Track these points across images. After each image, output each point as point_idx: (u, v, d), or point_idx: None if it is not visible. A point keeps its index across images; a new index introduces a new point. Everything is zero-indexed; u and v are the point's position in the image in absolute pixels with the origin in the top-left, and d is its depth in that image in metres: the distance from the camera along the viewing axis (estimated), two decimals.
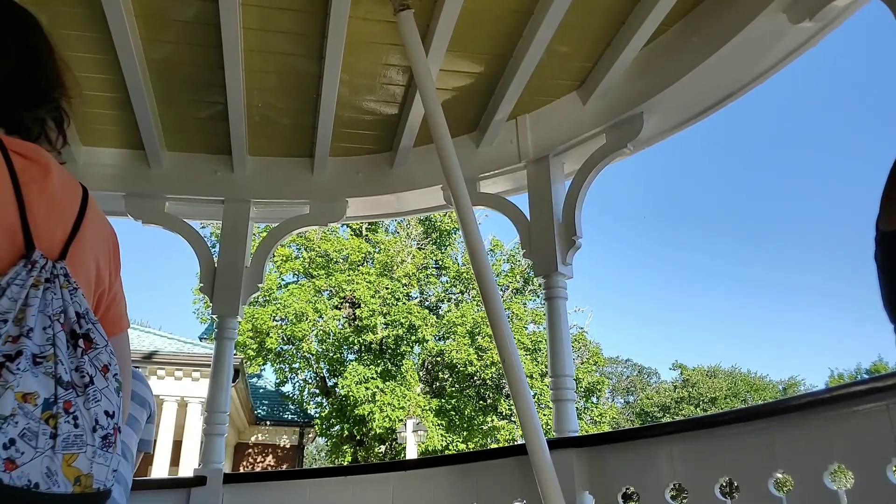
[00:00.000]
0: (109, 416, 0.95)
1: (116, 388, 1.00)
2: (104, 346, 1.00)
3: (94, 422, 0.92)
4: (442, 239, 19.99)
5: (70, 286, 0.99)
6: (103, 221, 1.18)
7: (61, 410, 0.88)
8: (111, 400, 0.97)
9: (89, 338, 0.98)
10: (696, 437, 2.35)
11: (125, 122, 3.35)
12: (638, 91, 2.96)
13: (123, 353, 1.17)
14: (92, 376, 0.95)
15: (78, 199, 1.11)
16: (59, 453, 0.86)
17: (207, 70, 3.02)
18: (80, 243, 1.07)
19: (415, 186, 3.62)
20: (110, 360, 1.00)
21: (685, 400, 33.82)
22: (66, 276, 1.00)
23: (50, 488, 0.84)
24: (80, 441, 0.89)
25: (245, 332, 16.88)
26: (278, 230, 3.69)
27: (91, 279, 1.10)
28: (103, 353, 1.00)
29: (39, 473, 0.83)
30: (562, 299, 3.08)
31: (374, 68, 3.11)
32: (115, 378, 1.00)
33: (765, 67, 2.74)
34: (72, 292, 0.99)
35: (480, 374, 17.16)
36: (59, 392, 0.89)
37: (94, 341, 0.99)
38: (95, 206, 1.15)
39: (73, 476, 0.87)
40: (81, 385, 0.93)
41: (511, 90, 3.06)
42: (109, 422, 0.95)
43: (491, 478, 2.89)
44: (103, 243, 1.16)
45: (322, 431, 17.93)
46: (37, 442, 0.83)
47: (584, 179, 3.14)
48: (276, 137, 3.59)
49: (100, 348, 0.99)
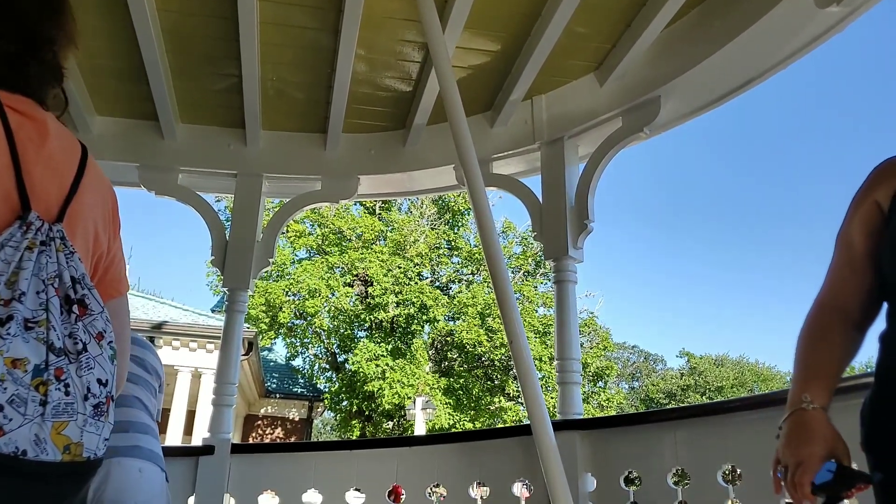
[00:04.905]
0: (102, 385, 0.93)
1: (111, 355, 0.97)
2: (99, 313, 0.98)
3: (86, 390, 0.90)
4: (455, 219, 19.95)
5: (66, 249, 0.96)
6: (103, 181, 1.13)
7: (52, 377, 0.86)
8: (105, 368, 0.95)
9: (84, 304, 0.95)
10: (701, 424, 2.35)
11: (140, 94, 3.34)
12: (656, 74, 2.91)
13: (122, 317, 1.15)
14: (85, 343, 0.93)
15: (77, 158, 1.07)
16: (49, 421, 0.84)
17: (222, 42, 3.01)
18: (78, 205, 1.03)
19: (427, 165, 3.60)
20: (105, 326, 0.98)
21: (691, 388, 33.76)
22: (63, 240, 0.96)
23: (38, 456, 0.82)
24: (71, 409, 0.87)
25: (258, 305, 17.04)
26: (290, 206, 3.70)
27: (89, 241, 1.06)
28: (98, 319, 0.97)
29: (27, 440, 0.81)
30: (571, 283, 3.07)
31: (390, 44, 3.08)
32: (110, 345, 0.98)
33: (788, 53, 2.68)
34: (68, 256, 0.96)
35: (489, 355, 17.23)
36: (50, 358, 0.87)
37: (89, 307, 0.96)
38: (95, 165, 1.11)
39: (63, 444, 0.85)
40: (74, 352, 0.91)
41: (527, 70, 3.02)
42: (102, 390, 0.93)
43: (495, 457, 2.91)
44: (102, 204, 1.11)
45: (331, 406, 18.12)
46: (25, 409, 0.82)
47: (599, 163, 3.11)
48: (289, 112, 3.58)
49: (95, 315, 0.96)
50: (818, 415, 1.10)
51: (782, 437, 1.13)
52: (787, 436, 1.11)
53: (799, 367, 1.19)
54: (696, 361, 35.33)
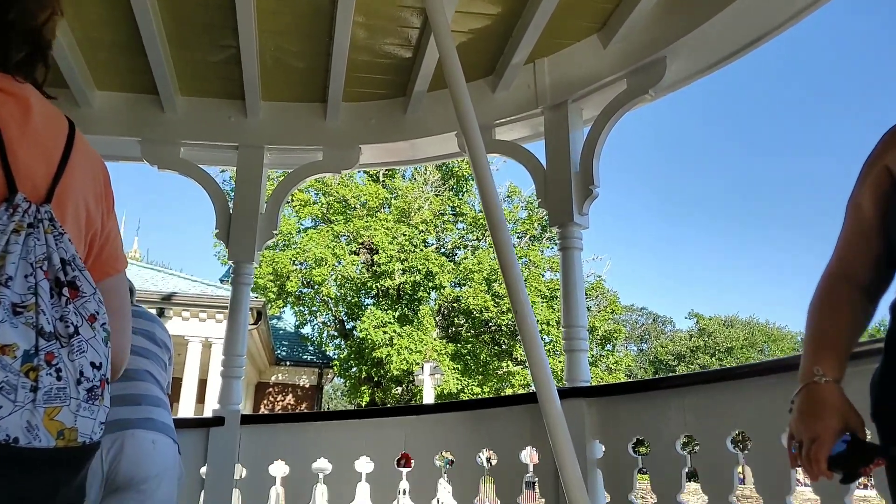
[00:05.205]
0: (96, 368, 0.91)
1: (104, 337, 0.95)
2: (92, 294, 0.95)
3: (79, 374, 0.88)
4: (459, 185, 19.86)
5: (55, 231, 0.93)
6: (93, 157, 1.08)
7: (43, 362, 0.84)
8: (98, 350, 0.92)
9: (75, 285, 0.92)
10: (710, 390, 2.34)
11: (139, 67, 3.29)
12: (662, 34, 2.84)
13: (122, 293, 1.12)
14: (77, 326, 0.90)
15: (63, 134, 1.02)
16: (41, 407, 0.82)
17: (219, 12, 2.95)
18: (67, 183, 0.99)
19: (429, 133, 3.55)
20: (98, 308, 0.95)
21: (700, 349, 33.93)
22: (52, 220, 0.93)
23: (31, 442, 0.81)
24: (63, 394, 0.85)
25: (266, 275, 17.13)
26: (292, 177, 3.67)
27: (81, 221, 1.02)
28: (91, 301, 0.94)
29: (19, 428, 0.80)
30: (577, 249, 3.05)
31: (389, 10, 3.01)
32: (104, 327, 0.95)
33: (800, 7, 2.59)
34: (57, 237, 0.92)
35: (496, 320, 17.31)
36: (40, 343, 0.85)
37: (81, 289, 0.93)
38: (83, 140, 1.06)
39: (56, 430, 0.84)
40: (66, 335, 0.88)
41: (529, 32, 2.95)
42: (96, 374, 0.91)
43: (502, 424, 2.93)
44: (93, 181, 1.07)
45: (340, 372, 18.34)
46: (16, 395, 0.80)
47: (604, 126, 3.06)
48: (289, 82, 3.52)
49: (87, 296, 0.94)
50: (831, 388, 1.08)
51: (795, 412, 1.11)
52: (799, 410, 1.10)
53: (810, 339, 1.17)
54: (705, 323, 35.43)
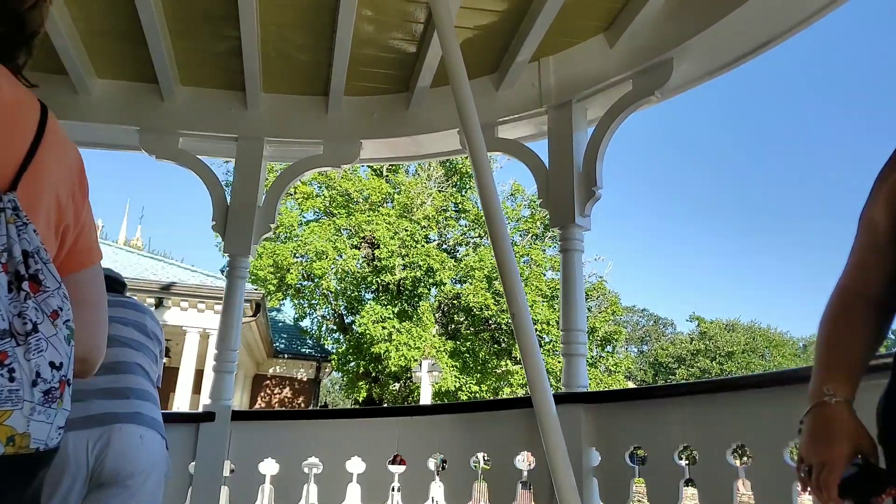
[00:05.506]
0: (55, 368, 0.85)
1: (67, 335, 0.89)
2: (56, 289, 0.89)
3: (35, 374, 0.82)
4: (462, 181, 19.81)
5: (19, 221, 0.87)
6: (66, 144, 1.03)
7: None
8: (59, 349, 0.86)
9: (37, 279, 0.86)
10: (710, 400, 2.29)
11: (140, 56, 3.25)
12: (670, 34, 2.78)
13: (96, 287, 1.07)
14: (36, 323, 0.84)
15: (35, 119, 0.95)
16: None
17: (221, 2, 2.90)
18: (35, 171, 0.93)
19: (431, 129, 3.50)
20: (62, 304, 0.89)
21: (701, 353, 33.84)
22: (15, 210, 0.87)
23: None
24: (16, 396, 0.79)
25: (266, 267, 17.10)
26: (291, 170, 3.62)
27: (51, 211, 0.97)
28: (54, 296, 0.88)
29: None
30: (578, 251, 3.00)
31: (393, 3, 2.96)
32: (66, 325, 0.89)
33: (812, 10, 2.53)
34: (20, 228, 0.86)
35: (496, 318, 17.27)
36: None
37: (44, 283, 0.87)
38: (57, 126, 1.00)
39: (6, 436, 0.78)
40: (23, 333, 0.82)
41: (535, 30, 2.90)
42: (55, 374, 0.85)
43: (497, 428, 2.89)
44: (66, 171, 1.01)
45: (338, 367, 18.32)
46: None
47: (608, 127, 3.01)
48: (290, 74, 3.47)
49: (50, 291, 0.87)
50: (842, 409, 1.04)
51: (804, 434, 1.06)
52: (809, 433, 1.05)
53: (821, 357, 1.12)
54: (706, 326, 35.30)
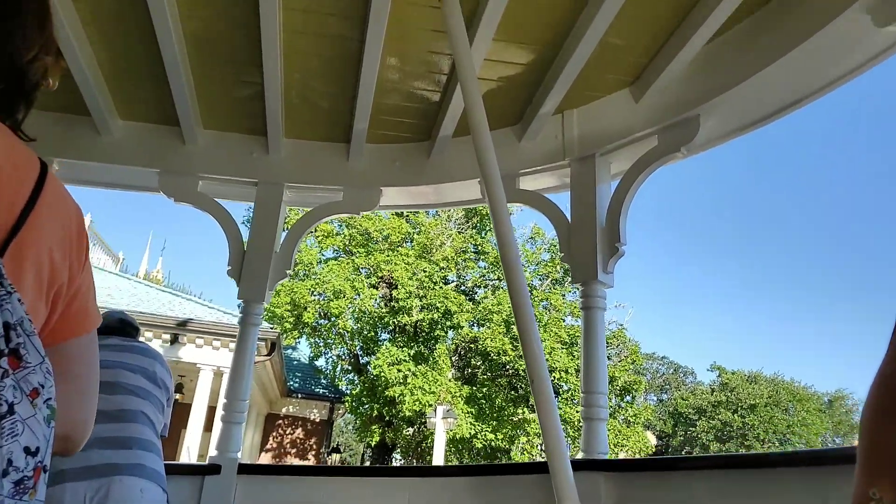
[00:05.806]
0: (31, 455, 0.77)
1: (47, 416, 0.81)
2: (38, 364, 0.81)
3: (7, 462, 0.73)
4: (482, 223, 19.77)
5: (3, 290, 0.79)
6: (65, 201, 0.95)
7: None
8: (36, 432, 0.78)
9: (18, 354, 0.79)
10: (740, 476, 2.16)
11: (162, 98, 3.28)
12: (696, 92, 2.74)
13: (88, 358, 0.99)
14: (12, 404, 0.75)
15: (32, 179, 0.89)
16: None
17: (246, 49, 2.93)
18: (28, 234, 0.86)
19: (452, 179, 3.47)
20: (44, 380, 0.81)
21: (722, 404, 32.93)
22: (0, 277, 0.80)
23: None
24: None
25: (283, 304, 17.08)
26: (310, 216, 3.61)
27: (43, 274, 0.89)
28: (35, 373, 0.80)
29: None
30: (600, 309, 2.91)
31: (417, 54, 2.97)
32: (47, 404, 0.81)
33: (839, 74, 2.49)
34: (3, 297, 0.79)
35: (514, 364, 17.00)
36: None
37: (25, 359, 0.79)
38: (56, 184, 0.93)
39: None
40: None
41: (559, 83, 2.88)
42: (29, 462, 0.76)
43: (511, 493, 2.76)
44: (62, 229, 0.94)
45: (352, 409, 18.07)
46: None
47: (633, 182, 2.95)
48: (312, 121, 3.48)
49: (31, 367, 0.79)
50: None
51: None
52: None
53: (866, 453, 1.02)
54: (727, 377, 34.43)
